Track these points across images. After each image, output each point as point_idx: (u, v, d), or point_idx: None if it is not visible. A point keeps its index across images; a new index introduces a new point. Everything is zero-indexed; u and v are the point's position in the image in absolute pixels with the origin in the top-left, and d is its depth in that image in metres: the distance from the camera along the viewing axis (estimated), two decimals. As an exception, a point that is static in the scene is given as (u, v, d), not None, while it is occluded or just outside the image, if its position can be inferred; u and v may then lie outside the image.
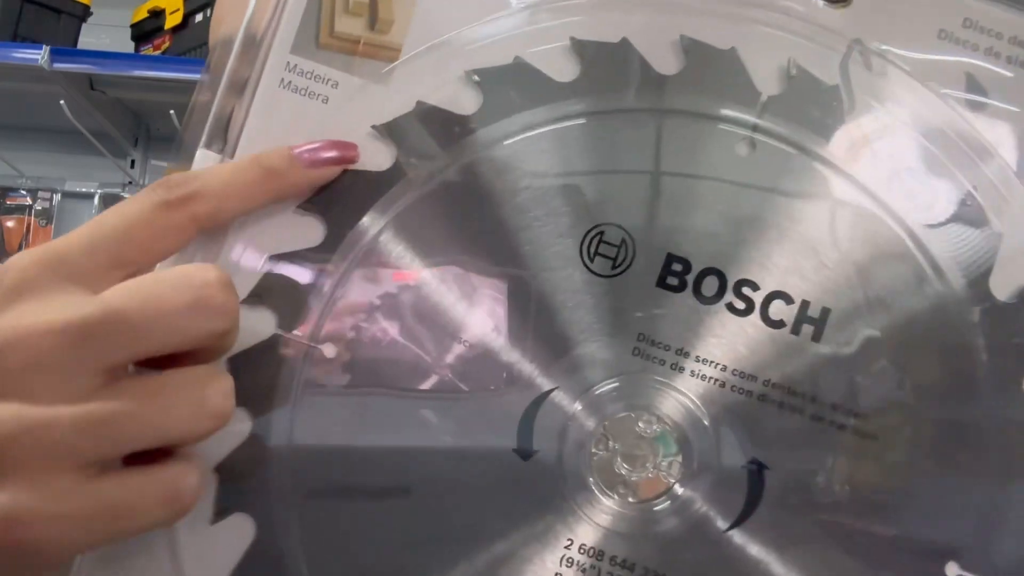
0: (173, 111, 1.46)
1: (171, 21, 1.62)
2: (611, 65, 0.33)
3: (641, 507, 0.32)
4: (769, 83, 0.33)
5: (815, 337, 0.32)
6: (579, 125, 0.33)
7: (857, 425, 0.32)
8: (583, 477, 0.32)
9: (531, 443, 0.32)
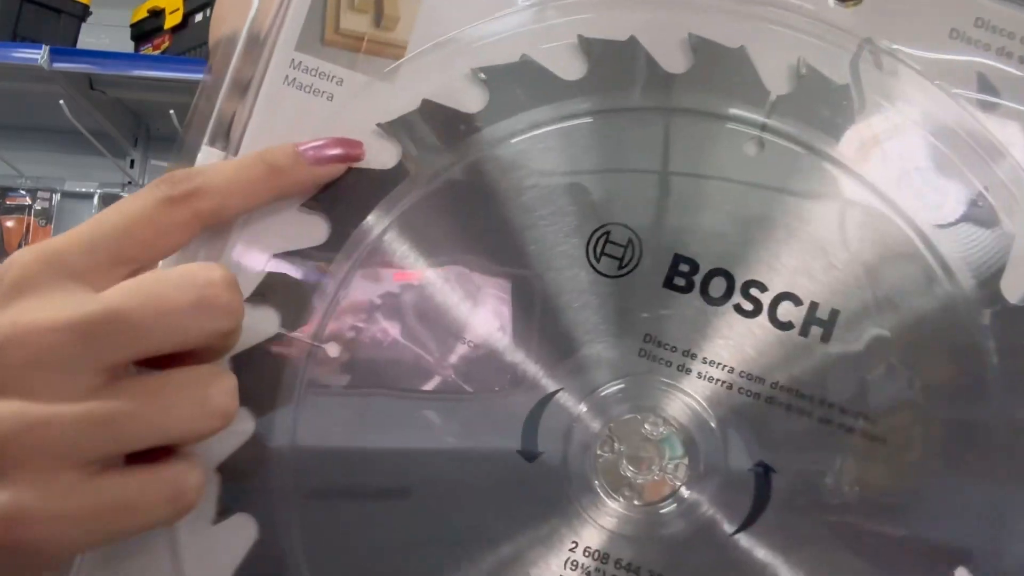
0: (173, 111, 1.46)
1: (171, 21, 1.62)
2: (619, 63, 0.33)
3: (647, 510, 0.32)
4: (778, 82, 0.33)
5: (824, 339, 0.32)
6: (586, 124, 0.33)
7: (866, 428, 0.31)
8: (588, 479, 0.32)
9: (536, 445, 0.32)
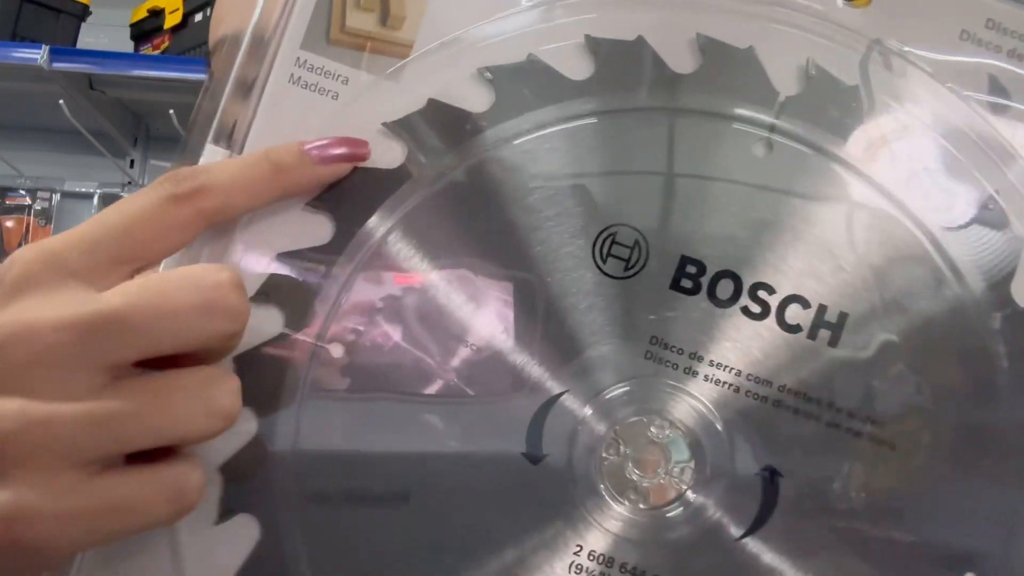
0: (173, 111, 1.46)
1: (170, 21, 1.62)
2: (626, 63, 0.32)
3: (652, 513, 0.32)
4: (787, 83, 0.32)
5: (832, 342, 0.31)
6: (593, 124, 0.32)
7: (874, 432, 0.31)
8: (593, 482, 0.32)
9: (540, 447, 0.31)
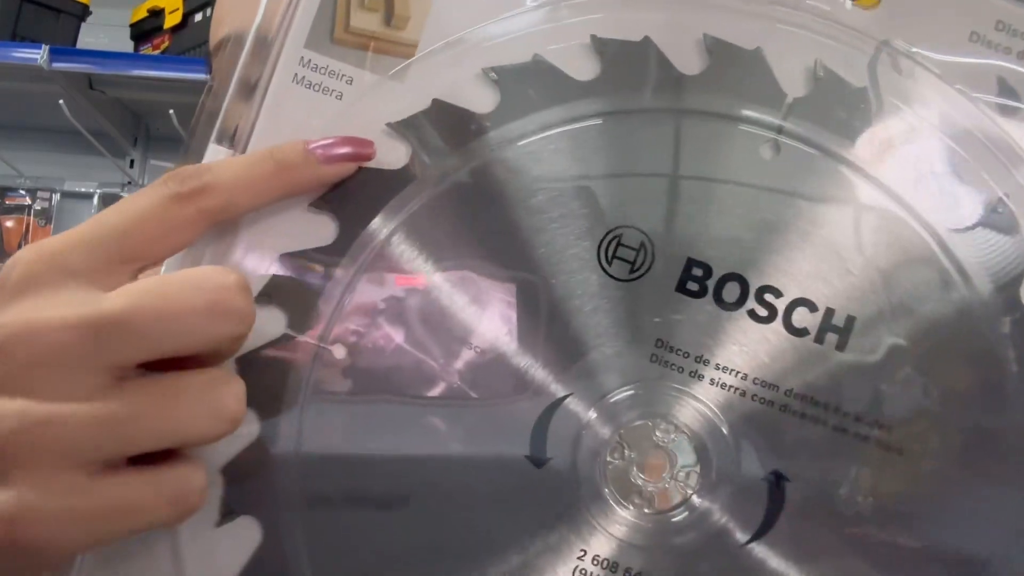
0: (172, 111, 1.46)
1: (170, 20, 1.63)
2: (632, 64, 0.32)
3: (657, 518, 0.31)
4: (795, 84, 0.32)
5: (839, 346, 0.31)
6: (598, 125, 0.32)
7: (881, 436, 0.31)
8: (598, 486, 0.31)
9: (544, 451, 0.31)
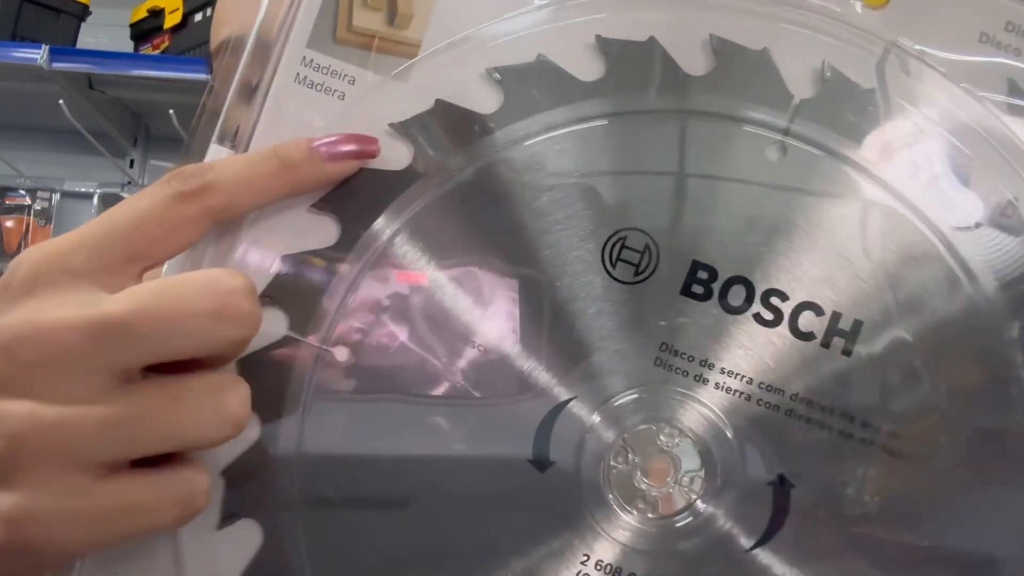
0: (172, 111, 1.46)
1: (170, 20, 1.63)
2: (638, 64, 0.32)
3: (661, 523, 0.31)
4: (802, 85, 0.32)
5: (846, 351, 0.31)
6: (603, 126, 0.32)
7: (887, 441, 0.31)
8: (601, 491, 0.31)
9: (548, 453, 0.31)
